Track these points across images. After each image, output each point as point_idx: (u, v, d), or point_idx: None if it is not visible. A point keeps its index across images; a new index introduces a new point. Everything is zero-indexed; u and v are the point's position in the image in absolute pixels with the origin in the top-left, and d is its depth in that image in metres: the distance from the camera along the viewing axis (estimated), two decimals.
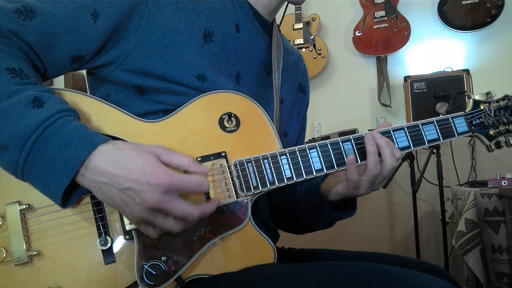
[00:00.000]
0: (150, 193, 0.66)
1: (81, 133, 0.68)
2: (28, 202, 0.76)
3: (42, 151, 0.66)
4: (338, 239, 2.85)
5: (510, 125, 0.99)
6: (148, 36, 0.83)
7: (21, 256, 0.74)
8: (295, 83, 1.14)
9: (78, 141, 0.67)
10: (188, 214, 0.69)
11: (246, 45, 0.96)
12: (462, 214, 2.10)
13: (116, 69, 0.84)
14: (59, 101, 0.71)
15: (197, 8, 0.88)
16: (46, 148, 0.66)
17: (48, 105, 0.68)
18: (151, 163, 0.68)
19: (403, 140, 0.93)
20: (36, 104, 0.68)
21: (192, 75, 0.85)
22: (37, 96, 0.69)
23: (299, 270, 0.72)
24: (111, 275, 0.77)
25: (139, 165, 0.67)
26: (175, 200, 0.68)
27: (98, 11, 0.79)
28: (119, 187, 0.67)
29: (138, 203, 0.67)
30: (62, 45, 0.78)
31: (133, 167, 0.67)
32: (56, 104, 0.69)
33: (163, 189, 0.66)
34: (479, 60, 3.03)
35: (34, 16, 0.74)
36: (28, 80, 0.71)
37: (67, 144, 0.66)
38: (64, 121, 0.68)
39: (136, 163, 0.67)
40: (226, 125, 0.85)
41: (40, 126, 0.66)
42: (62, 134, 0.67)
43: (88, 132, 0.69)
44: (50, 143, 0.66)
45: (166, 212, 0.68)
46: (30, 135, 0.66)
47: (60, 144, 0.66)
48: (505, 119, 1.00)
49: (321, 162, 0.88)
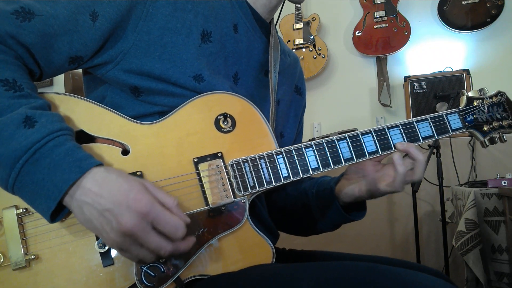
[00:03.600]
0: (127, 217, 0.65)
1: (72, 157, 0.68)
2: (25, 206, 0.75)
3: (31, 173, 0.67)
4: (338, 239, 2.85)
5: (504, 121, 1.00)
6: (146, 36, 0.83)
7: (19, 261, 0.74)
8: (291, 84, 1.14)
9: (67, 165, 0.67)
10: (160, 248, 0.69)
11: (243, 45, 0.96)
12: (462, 214, 2.10)
13: (113, 69, 0.84)
14: (51, 120, 0.70)
15: (195, 8, 0.88)
16: (35, 170, 0.66)
17: (39, 125, 0.68)
18: (137, 189, 0.68)
19: (398, 138, 0.94)
20: (28, 124, 0.68)
21: (188, 76, 0.86)
22: (29, 115, 0.68)
23: (298, 270, 0.72)
24: (109, 277, 0.77)
25: (124, 189, 0.67)
26: (150, 231, 0.68)
27: (97, 11, 0.79)
28: (100, 208, 0.67)
29: (114, 227, 0.66)
30: (61, 46, 0.78)
31: (117, 190, 0.67)
32: (48, 124, 0.69)
33: (141, 215, 0.66)
34: (479, 60, 3.03)
35: (32, 17, 0.74)
36: (21, 93, 0.71)
37: (56, 167, 0.67)
38: (56, 143, 0.68)
39: (121, 187, 0.68)
40: (222, 125, 0.86)
41: (31, 149, 0.66)
42: (52, 157, 0.67)
43: (79, 156, 0.69)
44: (39, 165, 0.66)
45: (139, 241, 0.68)
46: (20, 156, 0.66)
47: (50, 167, 0.66)
48: (498, 115, 1.01)
49: (317, 160, 0.89)
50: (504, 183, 2.02)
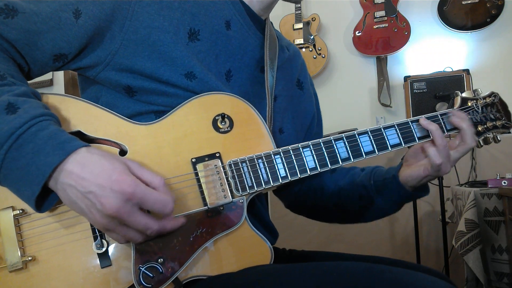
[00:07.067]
0: (111, 199, 0.65)
1: (55, 140, 0.67)
2: (21, 208, 0.75)
3: (15, 159, 0.66)
4: (338, 239, 2.84)
5: (497, 121, 1.01)
6: (133, 35, 0.83)
7: (16, 262, 0.73)
8: (292, 79, 1.13)
9: (51, 148, 0.66)
10: (146, 228, 0.69)
11: (236, 42, 0.96)
12: (462, 214, 2.09)
13: (103, 70, 0.84)
14: (34, 106, 0.70)
15: (182, 6, 0.88)
16: (19, 155, 0.66)
17: (22, 111, 0.67)
18: (120, 170, 0.67)
19: (394, 138, 0.94)
20: (10, 110, 0.67)
21: (180, 73, 0.86)
22: (11, 101, 0.68)
23: (297, 271, 0.72)
24: (107, 279, 0.76)
25: (107, 170, 0.67)
26: (135, 212, 0.67)
27: (80, 9, 0.80)
28: (83, 190, 0.66)
29: (99, 209, 0.66)
30: (44, 43, 0.78)
31: (100, 172, 0.66)
32: (31, 110, 0.68)
33: (124, 197, 0.65)
34: (479, 60, 3.03)
35: (16, 15, 0.75)
36: (3, 82, 0.71)
37: (39, 151, 0.66)
38: (39, 127, 0.67)
39: (104, 168, 0.67)
40: (220, 126, 0.85)
41: (14, 134, 0.66)
42: (36, 142, 0.66)
43: (62, 138, 0.68)
44: (23, 151, 0.66)
45: (125, 222, 0.68)
46: (4, 142, 0.65)
47: (33, 152, 0.66)
48: (492, 115, 1.02)
49: (314, 160, 0.89)
50: (504, 183, 2.02)
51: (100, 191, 0.65)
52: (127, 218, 0.67)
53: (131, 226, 0.68)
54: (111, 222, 0.67)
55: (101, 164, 0.67)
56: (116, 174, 0.66)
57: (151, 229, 0.70)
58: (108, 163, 0.68)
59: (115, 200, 0.65)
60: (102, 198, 0.65)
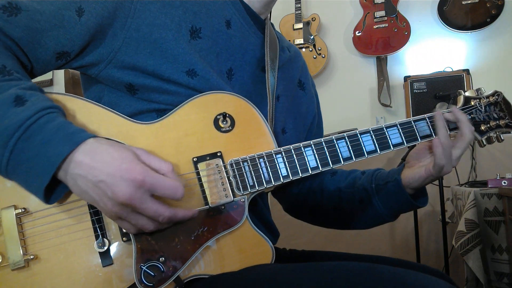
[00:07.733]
0: (122, 187, 0.66)
1: (64, 131, 0.68)
2: (23, 206, 0.75)
3: (25, 150, 0.66)
4: (338, 239, 2.84)
5: (500, 121, 1.01)
6: (135, 33, 0.83)
7: (18, 261, 0.73)
8: (293, 79, 1.13)
9: (60, 138, 0.67)
10: (158, 214, 0.70)
11: (237, 40, 0.96)
12: (462, 214, 2.09)
13: (105, 68, 0.85)
14: (41, 99, 0.70)
15: (183, 4, 0.88)
16: (28, 146, 0.66)
17: (30, 103, 0.68)
18: (129, 159, 0.68)
19: (396, 137, 0.94)
20: (19, 103, 0.68)
21: (181, 71, 0.86)
22: (19, 94, 0.69)
23: (298, 270, 0.72)
24: (109, 277, 0.76)
25: (116, 159, 0.67)
26: (147, 199, 0.68)
27: (83, 7, 0.80)
28: (94, 179, 0.67)
29: (110, 197, 0.67)
30: (47, 41, 0.79)
31: (109, 161, 0.67)
32: (38, 102, 0.69)
33: (136, 184, 0.66)
34: (479, 60, 3.03)
35: (19, 12, 0.75)
36: (10, 77, 0.71)
37: (48, 142, 0.66)
38: (47, 119, 0.68)
39: (113, 157, 0.68)
40: (221, 125, 0.86)
41: (23, 125, 0.66)
42: (45, 132, 0.67)
43: (70, 129, 0.69)
44: (32, 142, 0.66)
45: (137, 210, 0.68)
46: (13, 133, 0.66)
47: (42, 143, 0.66)
48: (495, 114, 1.01)
49: (316, 160, 0.89)
50: (504, 183, 2.02)
51: (111, 180, 0.66)
52: (139, 205, 0.67)
53: (143, 213, 0.69)
54: (123, 210, 0.68)
55: (110, 154, 0.68)
56: (126, 163, 0.67)
57: (162, 216, 0.70)
58: (117, 152, 0.69)
59: (126, 188, 0.66)
60: (113, 186, 0.66)
